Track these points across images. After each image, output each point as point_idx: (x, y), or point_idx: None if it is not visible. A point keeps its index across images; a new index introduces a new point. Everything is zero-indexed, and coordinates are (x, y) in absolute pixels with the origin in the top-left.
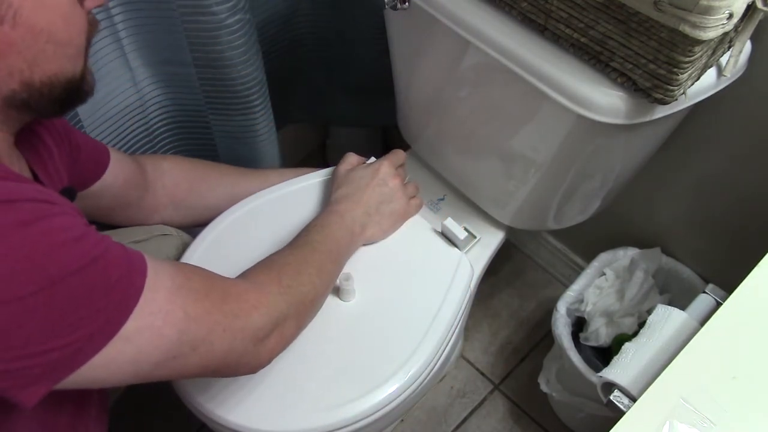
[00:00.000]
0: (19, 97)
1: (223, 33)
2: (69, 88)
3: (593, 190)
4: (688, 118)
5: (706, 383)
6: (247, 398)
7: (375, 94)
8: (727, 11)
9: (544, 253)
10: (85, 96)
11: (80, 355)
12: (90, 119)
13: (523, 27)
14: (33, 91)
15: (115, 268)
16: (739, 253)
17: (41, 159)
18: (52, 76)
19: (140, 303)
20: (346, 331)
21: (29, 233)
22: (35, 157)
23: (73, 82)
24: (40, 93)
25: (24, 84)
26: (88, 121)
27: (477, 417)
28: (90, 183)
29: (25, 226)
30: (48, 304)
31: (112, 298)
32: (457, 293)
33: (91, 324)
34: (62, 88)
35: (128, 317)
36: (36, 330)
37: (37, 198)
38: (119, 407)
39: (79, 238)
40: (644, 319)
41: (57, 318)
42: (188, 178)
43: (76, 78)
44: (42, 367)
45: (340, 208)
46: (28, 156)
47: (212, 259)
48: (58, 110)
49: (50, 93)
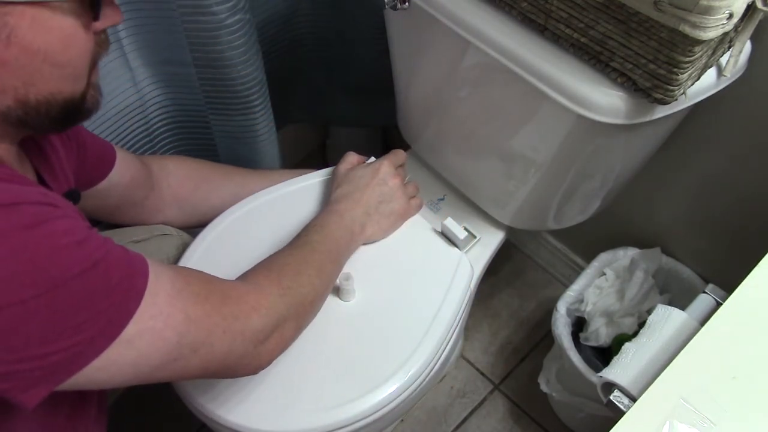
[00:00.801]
0: (15, 114)
1: (223, 33)
2: (67, 108)
3: (593, 190)
4: (688, 118)
5: (706, 383)
6: (247, 398)
7: (375, 94)
8: (727, 11)
9: (544, 253)
10: (88, 113)
11: (81, 358)
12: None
13: (523, 27)
14: (29, 108)
15: (117, 271)
16: (739, 253)
17: (47, 160)
18: (49, 95)
19: (141, 306)
20: (346, 331)
21: (32, 236)
22: (41, 159)
23: (72, 101)
24: (37, 111)
25: (19, 101)
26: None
27: (477, 417)
28: (96, 182)
29: (27, 229)
30: (49, 307)
31: (113, 301)
32: (457, 293)
33: (92, 327)
34: (60, 108)
35: (129, 320)
36: (37, 333)
37: (40, 201)
38: (119, 407)
39: (82, 242)
40: (644, 319)
41: (58, 321)
42: (192, 179)
43: (76, 98)
44: (43, 369)
45: (339, 208)
46: (33, 157)
47: (212, 258)
48: (57, 128)
49: (47, 111)
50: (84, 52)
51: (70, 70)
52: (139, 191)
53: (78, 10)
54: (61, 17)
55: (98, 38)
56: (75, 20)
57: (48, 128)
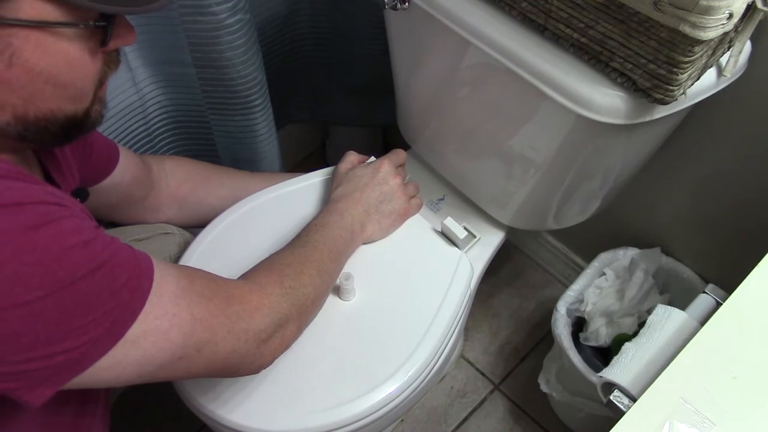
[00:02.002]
0: (14, 130)
1: (223, 33)
2: (68, 124)
3: (593, 190)
4: (688, 118)
5: (706, 383)
6: (248, 398)
7: (375, 94)
8: (727, 11)
9: (544, 253)
10: (91, 128)
11: (87, 358)
12: None
13: (523, 27)
14: (28, 124)
15: (123, 271)
16: (739, 253)
17: (54, 158)
18: (48, 113)
19: (146, 306)
20: (346, 331)
21: (38, 236)
22: (49, 157)
23: (74, 118)
24: (36, 127)
25: (17, 118)
26: None
27: (477, 417)
28: (99, 179)
29: (34, 229)
30: (56, 308)
31: (119, 301)
32: (457, 292)
33: (98, 327)
34: (60, 125)
35: (134, 320)
36: (44, 333)
37: (47, 201)
38: (119, 406)
39: (89, 242)
40: (644, 319)
41: (65, 321)
42: (191, 179)
43: (78, 116)
44: (49, 369)
45: (339, 207)
46: (41, 155)
47: (212, 258)
48: (57, 143)
49: (47, 128)
50: (90, 74)
51: (73, 90)
52: (139, 190)
53: (86, 35)
54: (67, 43)
55: (107, 57)
56: (82, 45)
57: (48, 143)
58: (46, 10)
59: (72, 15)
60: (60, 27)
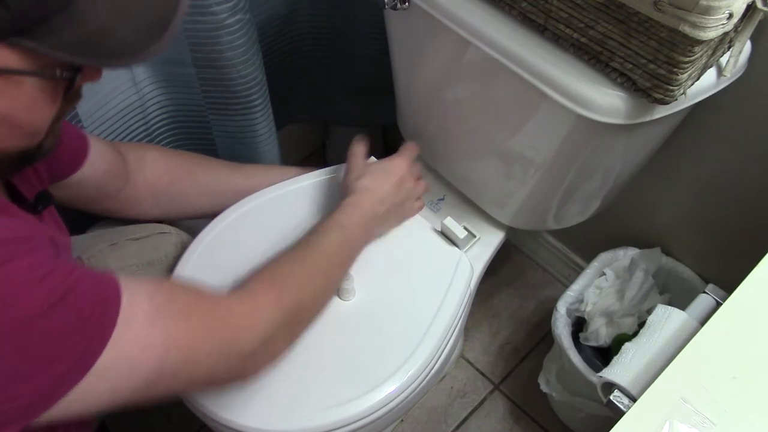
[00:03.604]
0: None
1: (223, 33)
2: (20, 159)
3: (593, 190)
4: (688, 118)
5: (706, 383)
6: (247, 398)
7: (375, 94)
8: (727, 11)
9: (544, 253)
10: (42, 157)
11: (54, 394)
12: (90, 119)
13: (523, 27)
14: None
15: (87, 300)
16: (739, 253)
17: None
18: (1, 149)
19: (115, 333)
20: (346, 331)
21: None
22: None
23: (26, 152)
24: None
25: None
26: (88, 121)
27: (477, 417)
28: (69, 173)
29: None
30: (18, 349)
31: (84, 333)
32: (457, 292)
33: (64, 362)
34: (12, 161)
35: (102, 350)
36: (7, 375)
37: (4, 239)
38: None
39: (46, 276)
40: (644, 319)
41: (27, 362)
42: (171, 172)
43: (31, 149)
44: (14, 410)
45: (363, 206)
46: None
47: (212, 259)
48: (7, 174)
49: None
50: (50, 114)
51: (30, 130)
52: (114, 183)
53: (52, 83)
54: (30, 88)
55: (73, 94)
56: (45, 91)
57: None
58: (10, 58)
59: (38, 63)
60: (24, 76)
